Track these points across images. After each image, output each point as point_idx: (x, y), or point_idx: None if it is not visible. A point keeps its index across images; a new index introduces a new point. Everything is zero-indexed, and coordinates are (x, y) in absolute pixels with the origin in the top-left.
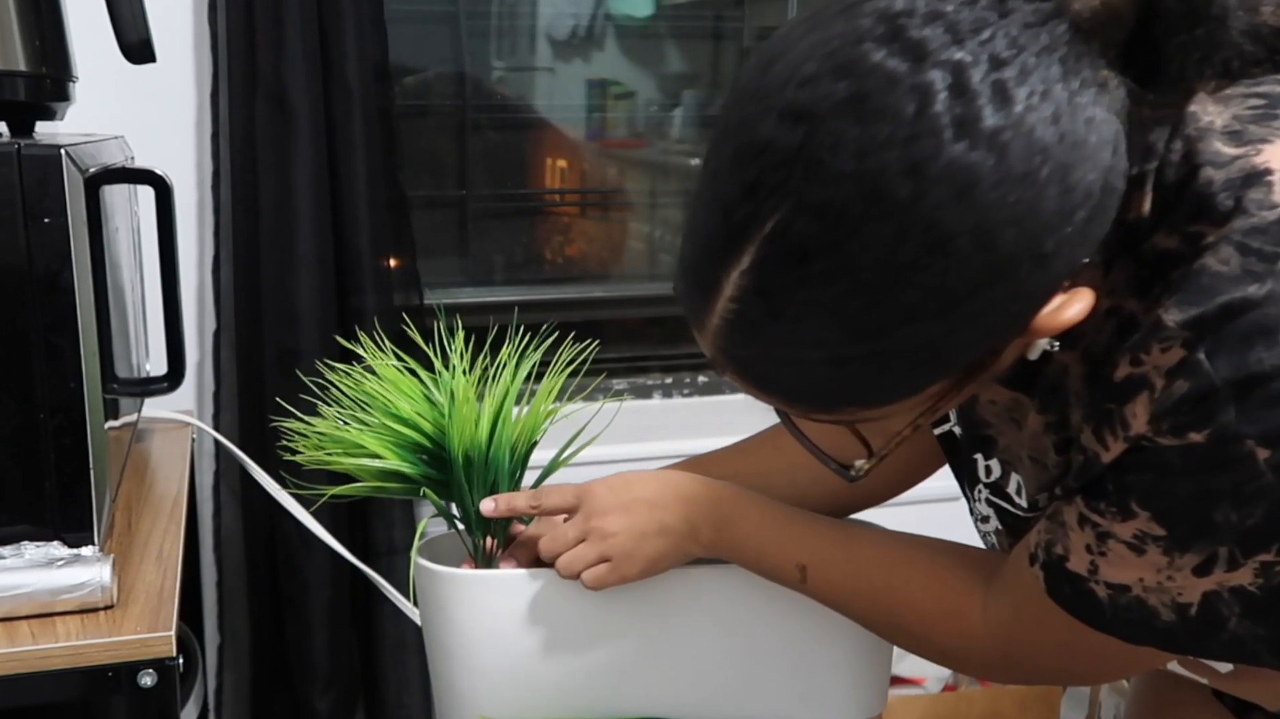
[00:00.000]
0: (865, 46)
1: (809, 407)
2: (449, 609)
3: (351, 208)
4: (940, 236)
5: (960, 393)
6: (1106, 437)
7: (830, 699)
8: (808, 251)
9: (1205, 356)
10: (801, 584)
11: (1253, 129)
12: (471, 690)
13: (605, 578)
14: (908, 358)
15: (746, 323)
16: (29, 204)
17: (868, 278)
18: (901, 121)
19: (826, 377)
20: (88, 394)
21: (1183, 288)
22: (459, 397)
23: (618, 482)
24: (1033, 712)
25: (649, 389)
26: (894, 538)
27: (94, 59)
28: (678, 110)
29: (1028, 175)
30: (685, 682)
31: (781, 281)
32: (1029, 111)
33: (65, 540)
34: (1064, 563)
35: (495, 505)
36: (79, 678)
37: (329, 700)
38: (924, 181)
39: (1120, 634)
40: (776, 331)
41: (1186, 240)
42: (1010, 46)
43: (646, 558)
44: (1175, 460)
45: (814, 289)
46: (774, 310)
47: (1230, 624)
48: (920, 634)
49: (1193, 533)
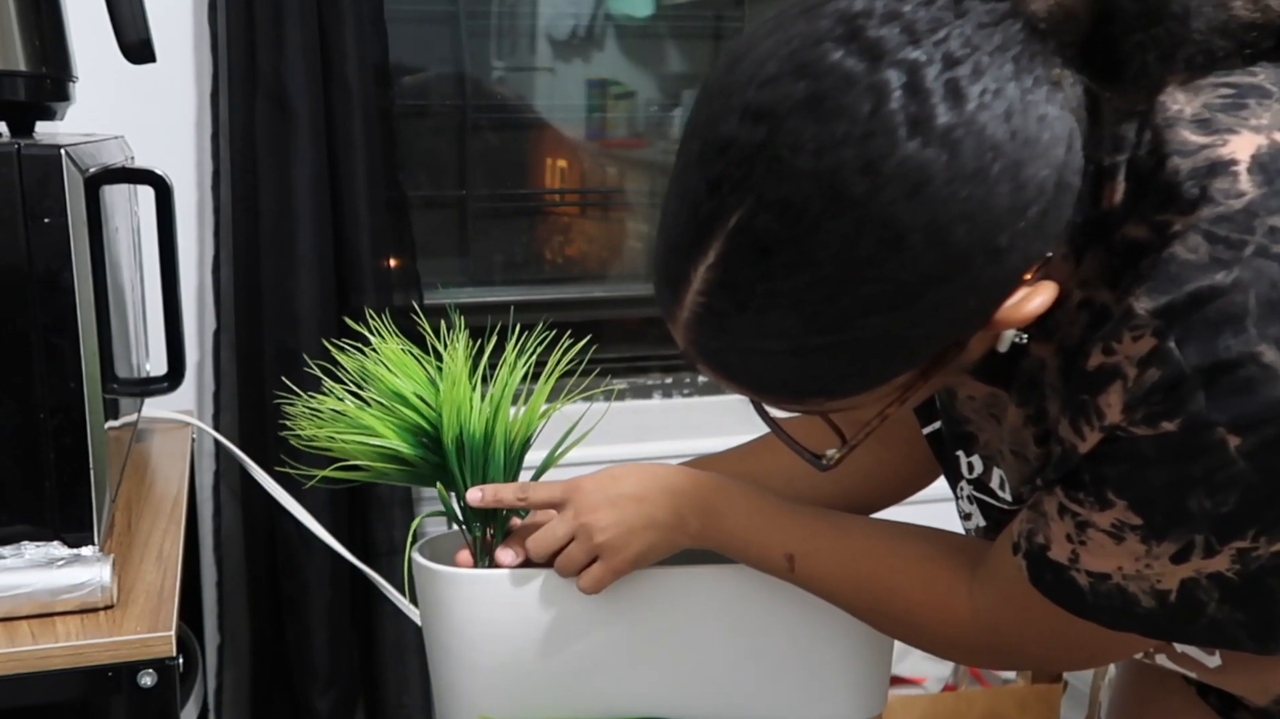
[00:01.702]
0: (824, 47)
1: (778, 396)
2: (448, 608)
3: (351, 208)
4: (895, 232)
5: (928, 384)
6: (1082, 427)
7: (830, 699)
8: (769, 246)
9: (1175, 345)
10: (790, 573)
11: (1221, 118)
12: (471, 690)
13: (601, 579)
14: (870, 349)
15: (714, 316)
16: (29, 204)
17: (827, 272)
18: (857, 120)
19: (792, 367)
20: (88, 394)
21: (1152, 276)
22: (453, 378)
23: (604, 477)
24: (1033, 712)
25: (649, 389)
26: (882, 527)
27: (94, 59)
28: (678, 110)
29: (979, 172)
30: (685, 681)
31: (745, 275)
32: (981, 109)
33: (65, 540)
34: (1045, 552)
35: (483, 496)
36: (79, 678)
37: (329, 700)
38: (879, 179)
39: (1102, 621)
40: (742, 324)
41: (1155, 229)
42: (965, 46)
43: (636, 552)
44: (1149, 450)
45: (776, 282)
46: (739, 303)
47: (1209, 609)
48: (908, 621)
49: (1168, 521)
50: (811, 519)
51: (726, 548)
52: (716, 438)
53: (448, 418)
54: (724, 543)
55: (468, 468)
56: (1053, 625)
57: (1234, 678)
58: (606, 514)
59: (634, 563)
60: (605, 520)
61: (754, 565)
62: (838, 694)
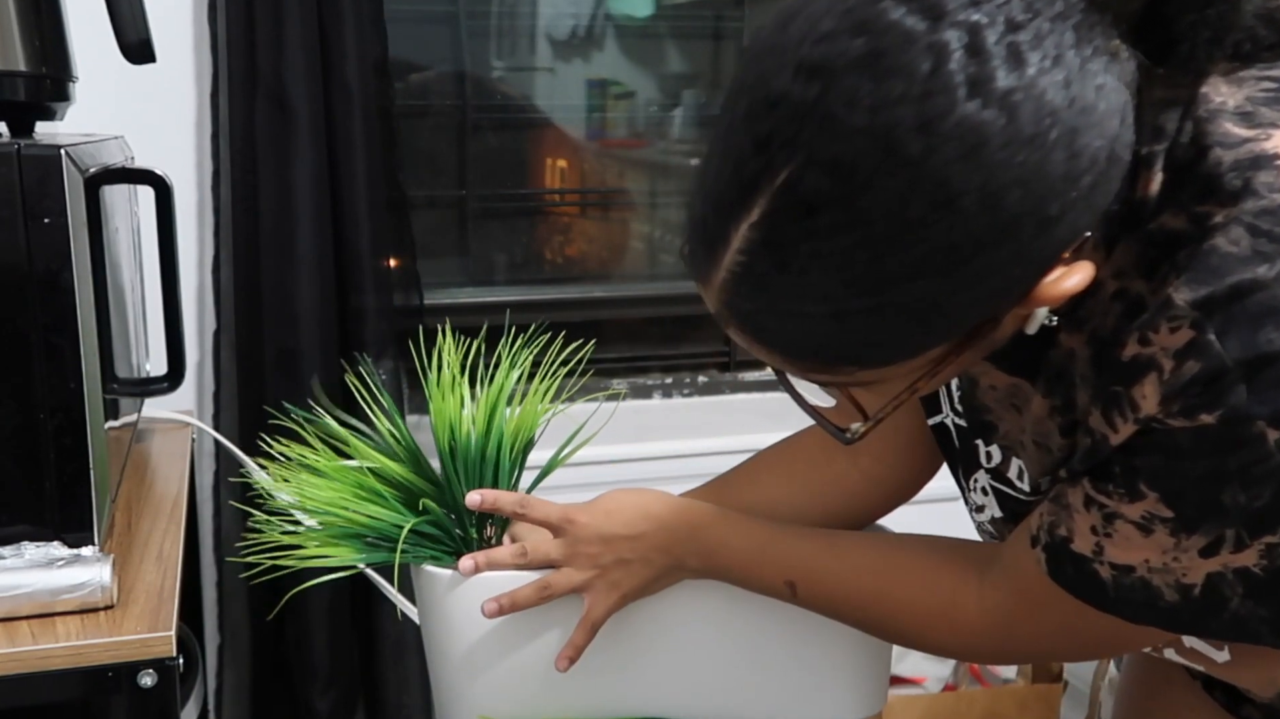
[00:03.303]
0: (884, 4)
1: (809, 363)
2: (448, 610)
3: (351, 208)
4: (948, 194)
5: (957, 361)
6: (1115, 419)
7: (830, 699)
8: (817, 205)
9: (1215, 337)
10: (793, 599)
11: (1264, 112)
12: (471, 690)
13: (595, 621)
14: (908, 316)
15: (753, 276)
16: (29, 204)
17: (875, 232)
18: (916, 79)
19: (828, 331)
20: (88, 394)
21: (1191, 267)
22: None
23: (599, 512)
24: (1033, 712)
25: (649, 389)
26: (880, 540)
27: (94, 59)
28: (678, 110)
29: (1036, 137)
30: (685, 681)
31: (790, 234)
32: (1041, 75)
33: (65, 540)
34: (1068, 544)
35: (481, 500)
36: (79, 678)
37: (329, 700)
38: (935, 138)
39: (1123, 614)
40: (782, 284)
41: (1194, 220)
42: (1025, 11)
43: (633, 588)
44: (1185, 442)
45: (821, 242)
46: (781, 263)
47: (1232, 604)
48: (916, 631)
49: (1200, 514)
50: (808, 543)
51: (728, 580)
52: (716, 438)
53: (439, 431)
54: (724, 577)
55: (464, 473)
56: (1069, 620)
57: (1242, 672)
58: (603, 552)
59: (626, 599)
60: (601, 559)
61: (759, 593)
62: (837, 694)
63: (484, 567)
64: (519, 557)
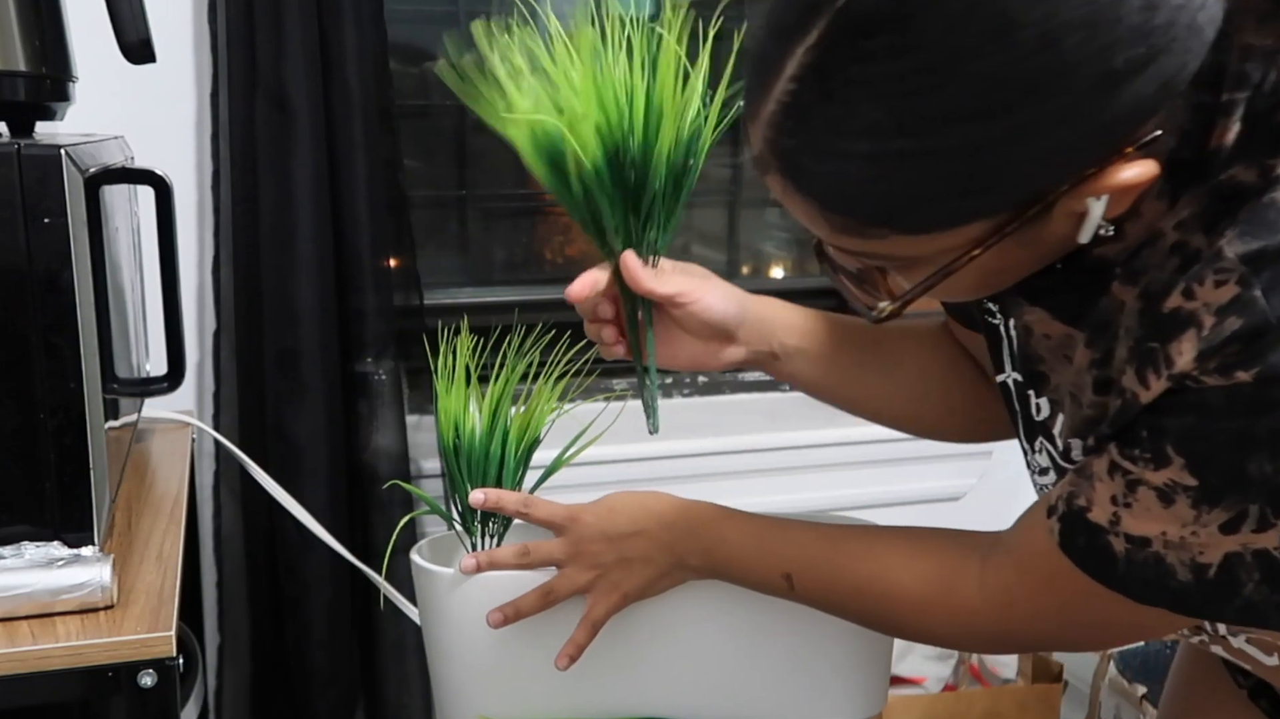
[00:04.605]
0: None
1: (843, 217)
2: (449, 610)
3: (351, 208)
4: (1007, 21)
5: (998, 251)
6: (1149, 375)
7: (830, 699)
8: (873, 27)
9: (1261, 293)
10: (791, 593)
11: None
12: (471, 690)
13: (598, 619)
14: (949, 171)
15: (799, 107)
16: (29, 204)
17: (925, 58)
18: None
19: (867, 177)
20: (88, 394)
21: (1247, 220)
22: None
23: (603, 511)
24: (1033, 712)
25: None
26: (876, 531)
27: (94, 59)
28: None
29: None
30: (685, 681)
31: (841, 56)
32: None
33: (65, 540)
34: (1085, 514)
35: (484, 498)
36: (79, 678)
37: (329, 700)
38: None
39: (1131, 593)
40: (826, 115)
41: (1262, 173)
42: None
43: (635, 587)
44: (1217, 402)
45: (871, 65)
46: (826, 91)
47: (1247, 589)
48: (913, 619)
49: (1224, 485)
50: (804, 536)
51: (726, 578)
52: (716, 438)
53: (444, 428)
54: (724, 575)
55: (465, 469)
56: (1072, 600)
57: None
58: (605, 550)
59: (627, 599)
60: (604, 557)
61: (759, 591)
62: (837, 694)
63: (485, 567)
64: (521, 556)
